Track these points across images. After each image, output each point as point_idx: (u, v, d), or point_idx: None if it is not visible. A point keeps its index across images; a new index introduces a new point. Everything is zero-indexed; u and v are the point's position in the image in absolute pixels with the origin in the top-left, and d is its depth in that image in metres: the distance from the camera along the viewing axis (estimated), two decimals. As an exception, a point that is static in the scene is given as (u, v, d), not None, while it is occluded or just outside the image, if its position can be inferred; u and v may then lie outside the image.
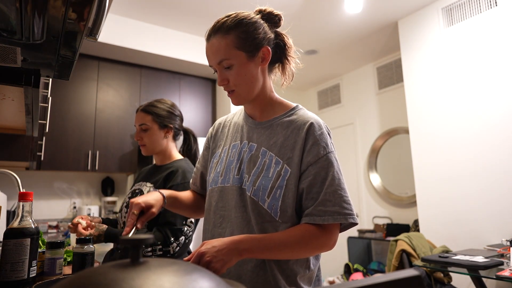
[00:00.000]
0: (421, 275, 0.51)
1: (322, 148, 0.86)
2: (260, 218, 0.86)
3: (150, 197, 0.93)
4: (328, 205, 0.82)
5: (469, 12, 2.81)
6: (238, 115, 1.06)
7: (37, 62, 0.87)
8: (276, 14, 0.94)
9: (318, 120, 0.91)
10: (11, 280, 0.89)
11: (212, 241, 0.75)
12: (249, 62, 0.88)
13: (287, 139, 0.89)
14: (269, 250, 0.79)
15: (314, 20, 3.33)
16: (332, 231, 0.83)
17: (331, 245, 0.85)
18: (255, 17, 0.90)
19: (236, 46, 0.86)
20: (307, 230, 0.82)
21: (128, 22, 3.35)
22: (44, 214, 3.38)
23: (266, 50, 0.90)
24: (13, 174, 1.43)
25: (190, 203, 1.08)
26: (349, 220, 0.82)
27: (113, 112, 3.53)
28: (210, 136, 1.10)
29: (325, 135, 0.89)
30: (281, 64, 0.98)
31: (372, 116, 4.25)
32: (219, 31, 0.87)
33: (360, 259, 3.97)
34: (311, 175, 0.84)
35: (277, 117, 0.94)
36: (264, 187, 0.86)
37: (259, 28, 0.89)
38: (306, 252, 0.85)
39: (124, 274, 0.27)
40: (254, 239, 0.78)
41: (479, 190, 2.62)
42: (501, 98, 2.56)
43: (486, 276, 1.78)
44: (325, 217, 0.81)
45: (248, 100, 0.94)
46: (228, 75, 0.89)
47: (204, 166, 1.09)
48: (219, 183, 0.95)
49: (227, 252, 0.73)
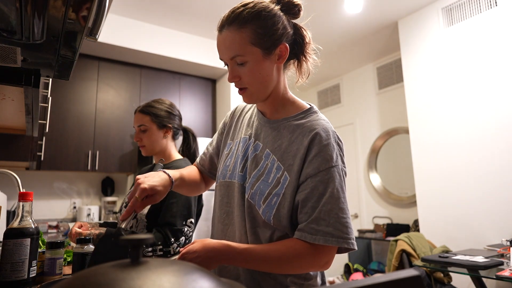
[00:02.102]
0: (421, 275, 0.51)
1: (325, 160, 0.78)
2: (253, 223, 0.84)
3: (157, 181, 0.83)
4: (322, 224, 0.75)
5: (469, 12, 2.81)
6: (252, 108, 1.01)
7: (37, 62, 0.87)
8: (296, 4, 0.85)
9: (327, 128, 0.83)
10: (11, 280, 0.89)
11: (195, 246, 0.76)
12: (265, 59, 0.81)
13: (290, 145, 0.83)
14: (246, 263, 0.77)
15: (314, 20, 3.32)
16: (323, 252, 0.76)
17: (322, 266, 0.78)
18: (274, 9, 0.81)
19: (252, 41, 0.79)
20: (292, 247, 0.77)
21: (128, 22, 3.35)
22: (44, 214, 3.39)
23: (284, 47, 0.82)
24: (13, 174, 1.43)
25: (192, 183, 1.02)
26: (342, 245, 0.74)
27: (113, 112, 3.53)
28: (226, 121, 1.06)
29: (332, 147, 0.80)
30: (297, 60, 0.89)
31: (372, 116, 4.25)
32: (234, 23, 0.79)
33: (360, 259, 3.97)
34: (309, 188, 0.78)
35: (286, 118, 0.88)
36: (262, 192, 0.82)
37: (278, 23, 0.81)
38: (290, 269, 0.79)
39: (124, 274, 0.27)
40: (233, 251, 0.76)
41: (479, 190, 2.62)
42: (501, 98, 2.56)
43: (486, 276, 1.77)
44: (316, 236, 0.74)
45: (261, 100, 0.88)
46: (240, 72, 0.82)
47: (215, 151, 1.06)
48: (227, 178, 0.92)
49: (206, 260, 0.74)
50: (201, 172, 1.10)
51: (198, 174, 1.08)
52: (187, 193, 1.05)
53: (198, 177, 1.07)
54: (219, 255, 0.75)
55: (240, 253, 0.76)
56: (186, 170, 1.02)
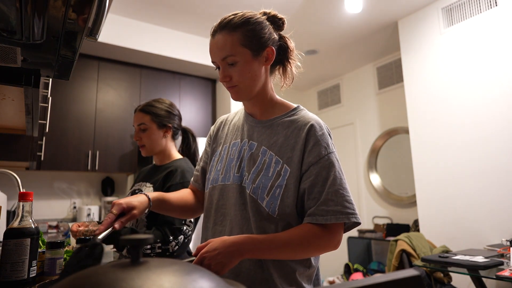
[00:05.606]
0: (421, 275, 0.51)
1: (323, 148, 0.87)
2: (258, 216, 0.87)
3: (134, 198, 0.89)
4: (331, 205, 0.82)
5: (469, 12, 2.81)
6: (238, 114, 1.07)
7: (37, 62, 0.87)
8: (280, 18, 0.95)
9: (319, 121, 0.92)
10: (11, 280, 0.89)
11: (214, 243, 0.76)
12: (254, 60, 0.89)
13: (287, 139, 0.90)
14: (270, 251, 0.80)
15: (314, 20, 3.33)
16: (335, 231, 0.83)
17: (335, 245, 0.85)
18: (261, 18, 0.92)
19: (242, 43, 0.87)
20: (309, 230, 0.82)
21: (128, 22, 3.35)
22: (44, 214, 3.39)
23: (270, 50, 0.91)
24: (13, 174, 1.43)
25: (181, 203, 1.04)
26: (351, 220, 0.82)
27: (113, 112, 3.53)
28: (212, 134, 1.11)
29: (326, 136, 0.89)
30: (282, 66, 0.99)
31: (372, 116, 4.25)
32: (225, 28, 0.88)
33: (360, 259, 3.97)
34: (313, 175, 0.84)
35: (278, 116, 0.95)
36: (264, 186, 0.86)
37: (265, 29, 0.91)
38: (309, 252, 0.84)
39: (124, 274, 0.27)
40: (255, 240, 0.79)
41: (479, 190, 2.62)
42: (501, 98, 2.56)
43: (486, 276, 1.77)
44: (327, 216, 0.81)
45: (248, 97, 0.94)
46: (231, 72, 0.89)
47: (205, 164, 1.09)
48: (220, 181, 0.96)
49: (228, 255, 0.74)
50: (196, 192, 1.11)
51: (192, 196, 1.09)
52: (179, 215, 1.07)
53: (190, 199, 1.08)
54: (241, 248, 0.76)
55: (262, 242, 0.79)
56: (174, 194, 1.04)
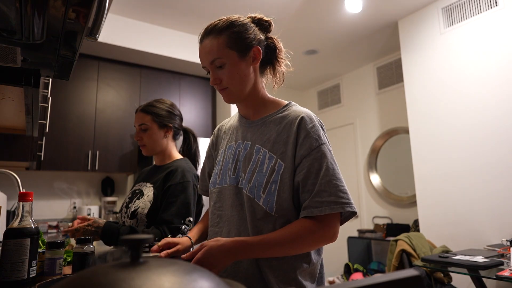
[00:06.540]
0: (421, 275, 0.51)
1: (314, 140, 0.87)
2: (254, 216, 0.87)
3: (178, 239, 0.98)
4: (324, 196, 0.82)
5: (469, 12, 2.81)
6: (234, 118, 1.09)
7: (37, 62, 0.87)
8: (266, 20, 0.97)
9: (309, 113, 0.93)
10: (11, 280, 0.89)
11: (210, 249, 0.78)
12: (241, 61, 0.91)
13: (279, 135, 0.91)
14: (263, 252, 0.82)
15: (314, 20, 3.33)
16: (331, 223, 0.83)
17: (331, 237, 0.84)
18: (245, 20, 0.94)
19: (228, 45, 0.89)
20: (302, 226, 0.82)
21: (128, 22, 3.35)
22: (44, 214, 3.38)
23: (257, 49, 0.93)
24: (13, 174, 1.43)
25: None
26: (346, 209, 0.82)
27: (113, 112, 3.53)
28: (211, 144, 1.14)
29: (317, 128, 0.90)
30: (272, 66, 1.00)
31: (372, 116, 4.25)
32: (211, 33, 0.90)
33: (360, 259, 3.97)
34: (305, 168, 0.85)
35: (269, 114, 0.97)
36: (259, 183, 0.87)
37: (250, 30, 0.92)
38: (304, 247, 0.85)
39: (124, 274, 0.27)
40: (250, 244, 0.81)
41: (479, 190, 2.62)
42: (501, 98, 2.56)
43: (486, 276, 1.77)
44: (322, 208, 0.81)
45: (240, 99, 0.96)
46: (220, 74, 0.91)
47: (211, 171, 1.11)
48: (217, 185, 0.98)
49: (223, 259, 0.78)
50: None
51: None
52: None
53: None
54: (235, 250, 0.79)
55: (257, 244, 0.81)
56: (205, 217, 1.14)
